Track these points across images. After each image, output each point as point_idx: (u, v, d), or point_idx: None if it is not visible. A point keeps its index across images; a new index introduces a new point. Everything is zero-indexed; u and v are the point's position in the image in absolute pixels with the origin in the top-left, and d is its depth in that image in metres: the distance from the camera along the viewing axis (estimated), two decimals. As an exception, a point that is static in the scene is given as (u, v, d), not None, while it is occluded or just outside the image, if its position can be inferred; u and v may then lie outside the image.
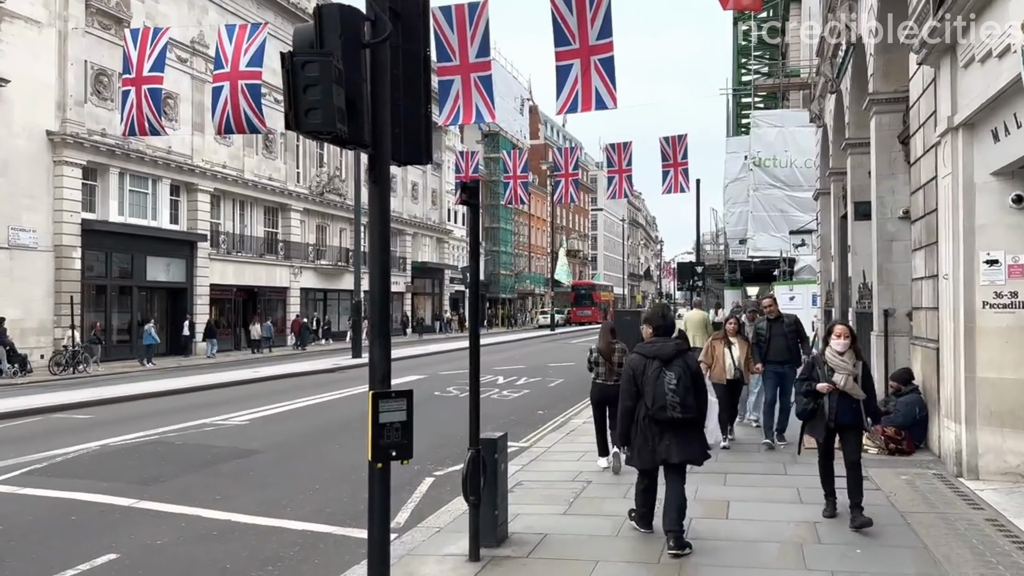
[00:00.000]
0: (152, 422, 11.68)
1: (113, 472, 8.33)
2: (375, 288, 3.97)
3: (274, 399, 14.48)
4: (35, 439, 10.42)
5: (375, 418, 3.76)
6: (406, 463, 3.94)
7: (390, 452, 3.77)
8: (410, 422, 3.87)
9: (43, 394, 15.31)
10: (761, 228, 33.07)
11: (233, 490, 7.65)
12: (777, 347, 9.28)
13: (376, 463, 3.81)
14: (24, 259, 24.95)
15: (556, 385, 16.75)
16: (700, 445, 5.62)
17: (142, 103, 25.05)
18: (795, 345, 9.43)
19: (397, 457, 3.80)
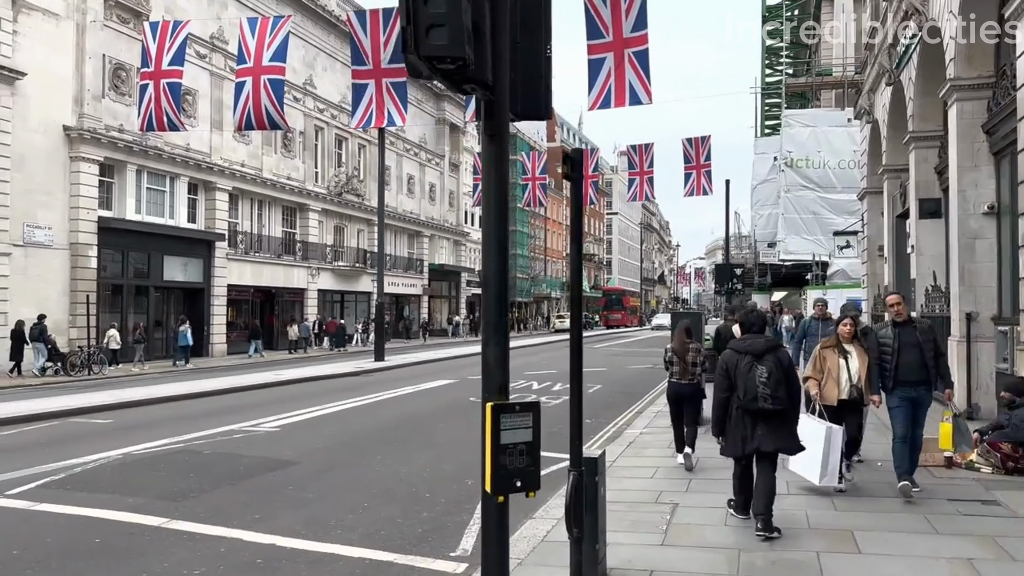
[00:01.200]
0: (176, 428, 10.90)
1: (138, 485, 7.54)
2: (491, 271, 3.15)
3: (301, 404, 13.69)
4: (52, 446, 9.65)
5: (495, 437, 2.92)
6: (532, 495, 3.09)
7: (514, 481, 2.93)
8: (537, 443, 3.03)
9: (60, 396, 14.56)
10: (793, 230, 32.13)
11: (272, 507, 6.83)
12: (909, 362, 6.72)
13: (496, 495, 2.97)
14: (39, 257, 24.30)
15: (595, 392, 15.89)
16: (790, 435, 5.92)
17: (160, 98, 24.51)
18: (934, 359, 6.81)
19: (523, 488, 2.97)
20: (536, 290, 72.34)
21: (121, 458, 8.76)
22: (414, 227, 49.67)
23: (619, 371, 21.20)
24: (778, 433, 5.80)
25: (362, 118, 25.01)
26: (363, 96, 24.89)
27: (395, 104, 24.81)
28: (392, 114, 24.77)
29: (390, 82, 24.69)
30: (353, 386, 17.26)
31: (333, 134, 40.81)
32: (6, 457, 8.99)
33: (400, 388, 16.33)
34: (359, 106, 25.07)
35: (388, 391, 15.79)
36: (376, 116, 22.24)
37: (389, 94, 24.71)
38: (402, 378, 19.26)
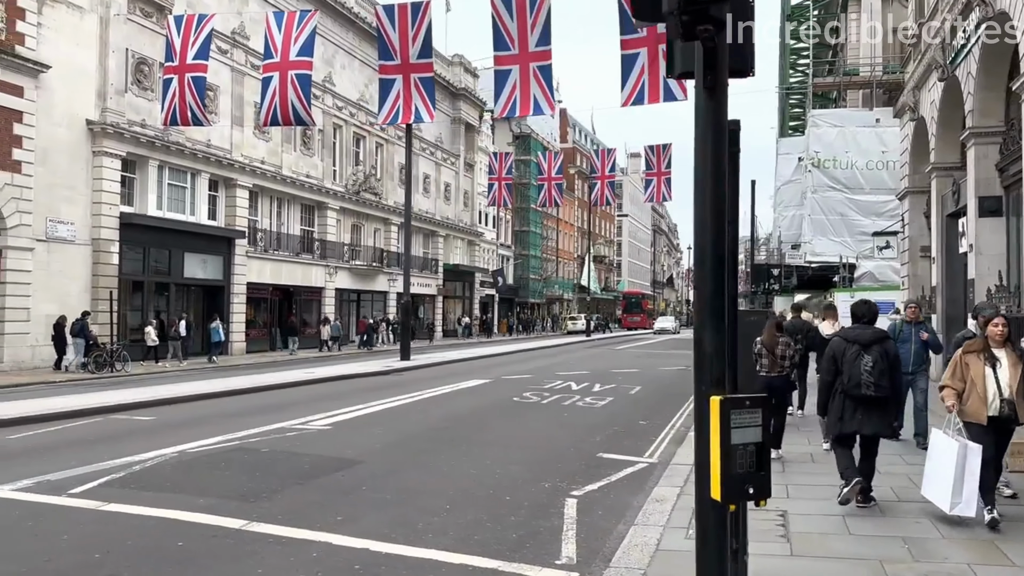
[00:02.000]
0: (224, 425, 10.55)
1: (205, 485, 7.18)
2: (706, 240, 2.77)
3: (343, 402, 13.33)
4: (100, 443, 9.30)
5: (725, 437, 2.53)
6: (763, 504, 2.71)
7: (745, 488, 2.53)
8: (766, 444, 2.64)
9: (97, 392, 14.21)
10: (819, 232, 31.68)
11: (351, 509, 6.47)
12: None
13: (727, 503, 2.57)
14: (62, 252, 24.01)
15: (638, 393, 15.52)
16: (888, 422, 6.36)
17: (185, 92, 24.24)
18: None
19: (754, 496, 2.57)
20: (548, 291, 71.96)
21: (178, 456, 8.40)
22: (429, 227, 49.35)
23: (652, 372, 20.81)
24: (877, 419, 6.19)
25: (388, 114, 24.72)
26: (390, 92, 24.60)
27: (423, 100, 24.51)
28: (420, 110, 24.47)
29: (418, 77, 24.39)
30: (388, 385, 16.90)
31: (351, 132, 40.51)
32: (58, 454, 8.64)
33: (437, 387, 15.96)
34: (386, 102, 24.78)
35: (426, 390, 15.42)
36: (403, 112, 21.90)
37: (417, 90, 24.40)
38: (435, 377, 18.91)
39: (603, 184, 48.63)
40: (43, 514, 6.11)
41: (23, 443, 9.39)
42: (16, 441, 9.48)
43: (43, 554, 5.21)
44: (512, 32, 22.74)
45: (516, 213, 65.76)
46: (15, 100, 22.37)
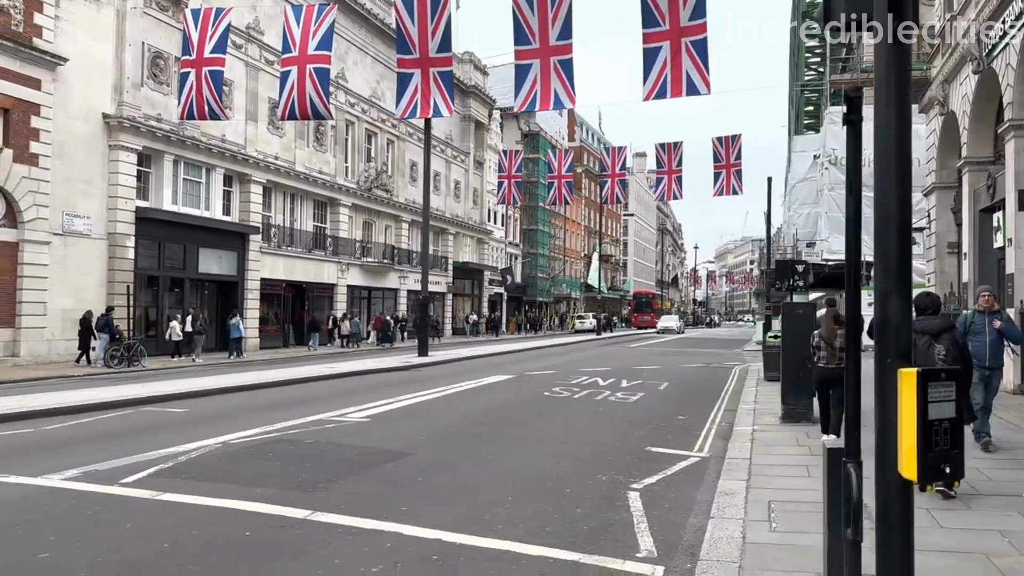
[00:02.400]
0: (260, 418, 10.38)
1: (256, 475, 7.01)
2: (890, 196, 2.60)
3: (372, 396, 13.15)
4: (139, 434, 9.13)
5: (923, 413, 2.35)
6: (957, 484, 2.53)
7: (941, 467, 2.36)
8: (960, 420, 2.46)
9: (126, 385, 14.00)
10: (836, 230, 31.45)
11: (412, 500, 6.30)
12: None
13: (925, 484, 2.39)
14: (78, 247, 23.88)
15: (666, 389, 15.32)
16: (967, 405, 6.47)
17: (202, 86, 24.08)
18: None
19: (951, 476, 2.40)
20: (555, 290, 71.77)
21: (221, 447, 8.23)
22: (440, 224, 49.17)
23: (674, 369, 20.62)
24: None
25: (407, 108, 24.47)
26: (408, 85, 24.33)
27: (441, 94, 24.28)
28: (438, 104, 24.23)
29: (436, 71, 24.16)
30: (412, 380, 16.71)
31: (363, 128, 40.36)
32: (100, 444, 8.47)
33: (462, 383, 15.78)
34: (404, 95, 24.51)
35: (453, 385, 15.24)
36: (421, 106, 21.65)
37: (436, 83, 24.18)
38: (457, 373, 18.73)
39: (613, 182, 48.34)
40: (99, 503, 5.94)
41: (61, 434, 9.23)
42: (54, 432, 9.31)
43: (109, 543, 5.05)
44: (533, 26, 22.55)
45: (524, 211, 65.59)
46: (33, 93, 22.25)
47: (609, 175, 48.33)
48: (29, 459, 7.54)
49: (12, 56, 21.60)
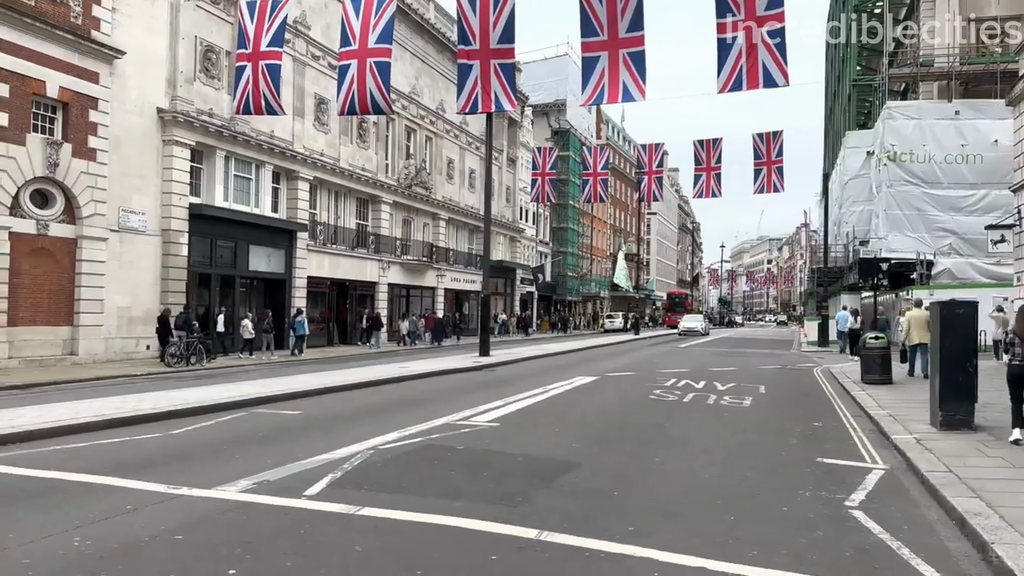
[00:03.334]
0: (382, 421, 9.86)
1: (440, 486, 6.46)
2: None
3: (474, 398, 12.58)
4: (276, 439, 8.58)
5: None
6: None
7: None
8: None
9: (216, 386, 13.45)
10: (895, 227, 30.81)
11: (629, 518, 5.71)
12: None
13: None
14: (133, 243, 23.48)
15: (768, 392, 14.67)
16: None
17: (259, 80, 23.62)
18: None
19: None
20: (584, 289, 71.16)
21: (375, 454, 7.69)
22: (474, 222, 48.61)
23: (754, 371, 19.97)
24: None
25: (467, 102, 23.86)
26: (468, 78, 23.70)
27: (503, 87, 23.63)
28: (500, 98, 23.60)
29: (498, 63, 23.53)
30: (498, 381, 16.12)
31: (403, 125, 39.86)
32: (245, 451, 7.92)
33: (552, 384, 15.15)
34: (463, 89, 23.92)
35: (545, 387, 14.61)
36: (483, 100, 20.98)
37: (497, 76, 23.54)
38: (535, 373, 18.16)
39: (650, 179, 47.71)
40: (305, 520, 5.40)
41: (195, 439, 8.69)
42: (186, 437, 8.78)
43: (357, 569, 4.51)
44: (601, 17, 21.96)
45: (553, 209, 65.02)
46: (90, 86, 21.85)
47: (647, 172, 47.77)
48: (185, 468, 7.02)
49: (72, 49, 21.21)
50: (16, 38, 19.71)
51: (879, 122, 32.93)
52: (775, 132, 40.04)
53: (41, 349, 20.63)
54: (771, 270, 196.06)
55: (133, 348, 23.41)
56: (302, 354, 26.63)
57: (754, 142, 41.21)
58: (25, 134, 20.05)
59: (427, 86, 42.16)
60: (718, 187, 42.59)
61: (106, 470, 6.76)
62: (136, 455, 7.54)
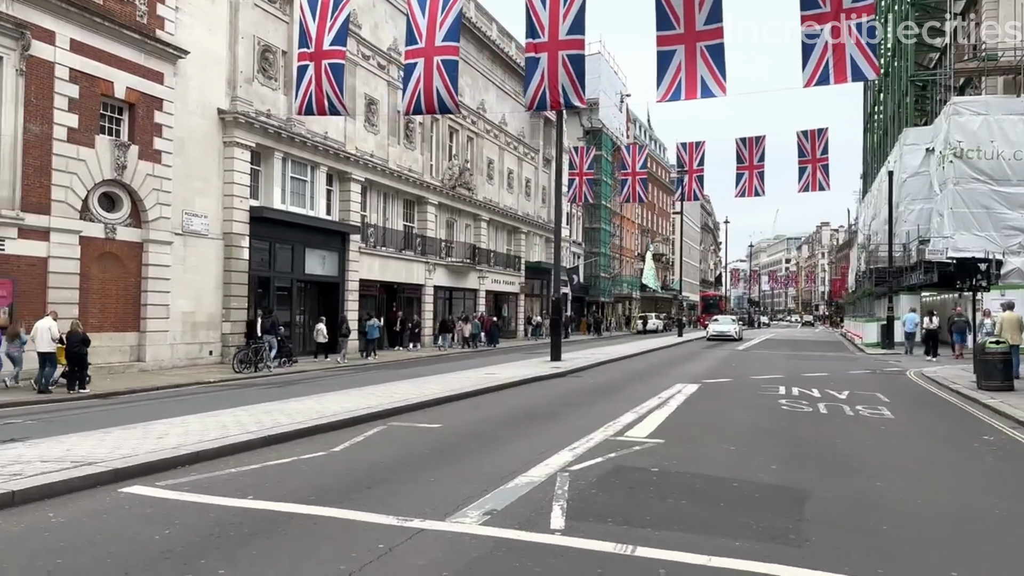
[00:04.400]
0: (530, 436, 9.25)
1: (681, 517, 5.77)
2: None
3: (596, 409, 11.90)
4: (442, 459, 7.92)
5: None
6: None
7: None
8: None
9: (326, 395, 12.78)
10: (962, 226, 29.97)
11: (940, 560, 5.05)
12: None
13: None
14: (196, 247, 23.00)
15: (892, 401, 13.91)
16: None
17: (322, 79, 23.03)
18: None
19: None
20: (616, 290, 70.44)
21: (570, 477, 7.03)
22: (512, 223, 48.10)
23: (848, 376, 19.16)
24: None
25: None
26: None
27: (571, 81, 22.70)
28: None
29: (567, 55, 22.73)
30: (595, 389, 15.40)
31: (446, 125, 39.29)
32: (429, 471, 7.23)
33: (661, 393, 14.28)
34: (530, 84, 23.14)
35: (659, 396, 13.90)
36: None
37: (565, 69, 22.73)
38: (627, 380, 17.45)
39: (691, 178, 46.97)
40: (591, 562, 4.74)
41: (360, 457, 7.95)
42: (348, 455, 8.06)
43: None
44: (678, 10, 21.26)
45: (586, 210, 64.32)
46: (155, 87, 21.41)
47: (687, 171, 47.01)
48: (390, 494, 6.36)
49: (138, 49, 20.75)
50: (86, 38, 19.27)
51: (941, 118, 32.11)
52: (819, 130, 39.15)
53: (110, 356, 20.17)
54: (792, 270, 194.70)
55: (197, 354, 22.94)
56: (373, 357, 26.83)
57: (798, 140, 40.30)
58: (94, 136, 19.60)
59: (467, 85, 41.56)
60: (761, 185, 41.74)
61: (311, 498, 6.15)
62: (326, 479, 6.92)
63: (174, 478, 6.80)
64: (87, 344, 16.45)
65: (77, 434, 8.65)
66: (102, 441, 8.08)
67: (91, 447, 7.71)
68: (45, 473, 6.33)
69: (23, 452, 7.52)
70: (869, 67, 20.18)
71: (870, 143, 54.70)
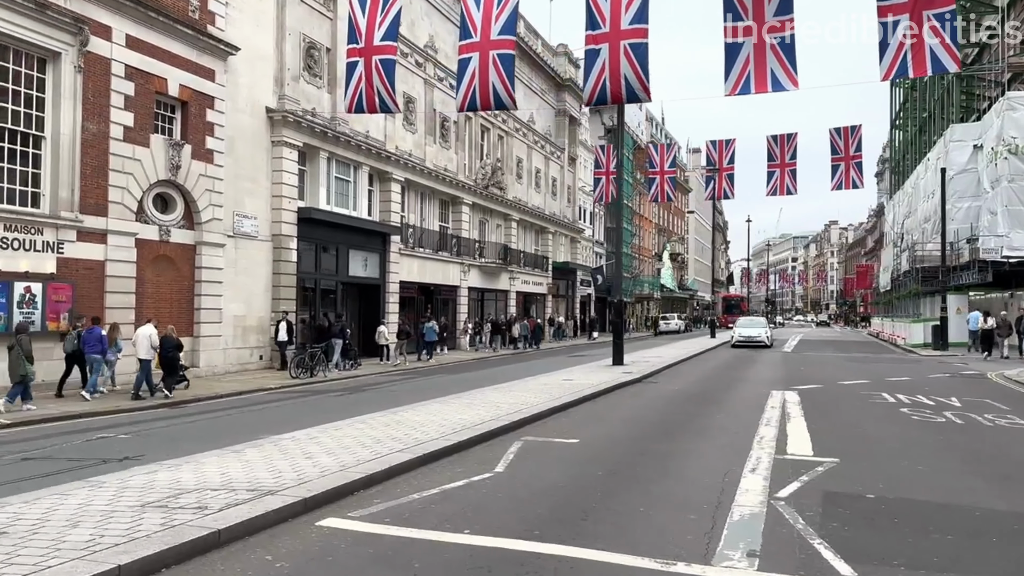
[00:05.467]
0: (689, 455, 8.59)
1: (961, 558, 5.17)
2: None
3: (724, 423, 11.27)
4: (625, 485, 7.20)
5: None
6: None
7: None
8: None
9: (425, 403, 12.12)
10: (1017, 224, 29.34)
11: None
12: None
13: None
14: (247, 249, 22.35)
15: (1013, 409, 13.25)
16: None
17: (372, 76, 22.33)
18: None
19: None
20: (637, 289, 69.76)
21: (788, 505, 6.38)
22: (540, 223, 47.43)
23: (937, 381, 18.47)
24: None
25: (593, 92, 22.22)
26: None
27: (636, 73, 21.84)
28: (632, 86, 21.88)
29: (629, 44, 21.91)
30: (687, 398, 14.56)
31: (478, 124, 38.60)
32: (621, 499, 6.59)
33: (764, 404, 13.75)
34: (589, 77, 22.36)
35: (762, 407, 13.28)
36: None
37: (628, 59, 21.91)
38: (712, 388, 16.78)
39: (721, 176, 46.32)
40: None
41: (538, 480, 6.99)
42: (521, 479, 7.12)
43: None
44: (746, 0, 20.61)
45: (608, 209, 63.63)
46: (208, 84, 20.75)
47: (719, 169, 46.36)
48: (614, 529, 5.68)
49: (190, 45, 20.09)
50: (141, 33, 18.60)
51: (992, 114, 31.48)
52: (853, 127, 38.48)
53: (165, 362, 19.46)
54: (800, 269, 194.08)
55: (247, 358, 22.31)
56: (432, 360, 27.05)
57: (831, 137, 39.60)
58: (149, 135, 18.93)
59: (499, 83, 40.81)
60: (793, 183, 41.10)
61: (534, 532, 5.47)
62: (524, 508, 6.21)
63: (361, 507, 6.12)
64: (180, 349, 16.11)
65: (207, 454, 7.95)
66: (249, 463, 7.39)
67: (243, 470, 7.02)
68: (236, 506, 5.64)
69: (160, 477, 6.83)
70: (951, 59, 19.49)
71: (899, 140, 54.02)
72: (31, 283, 15.86)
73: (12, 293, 15.48)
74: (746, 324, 41.70)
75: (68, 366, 15.98)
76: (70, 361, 15.97)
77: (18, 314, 15.52)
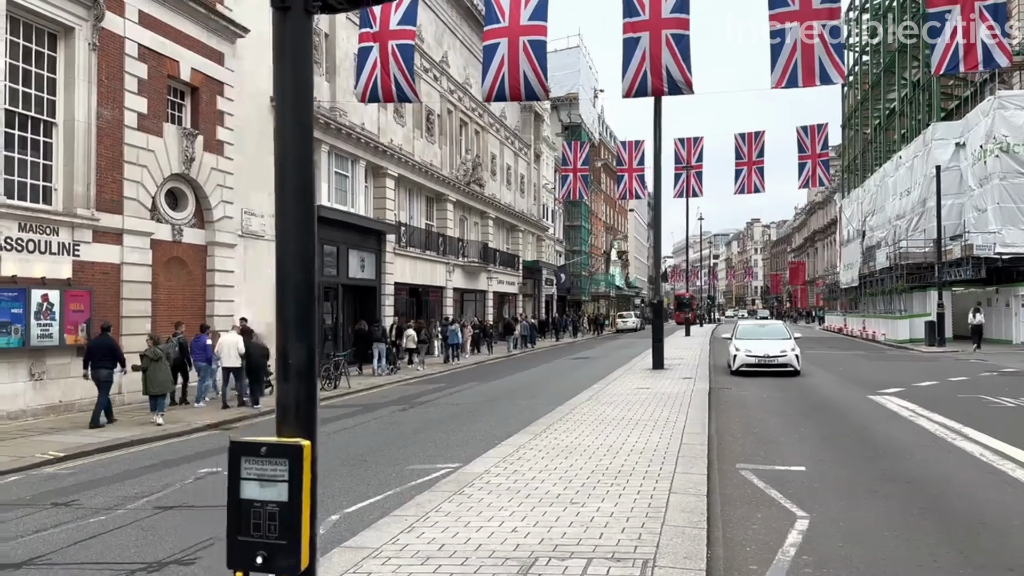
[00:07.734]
0: (869, 477, 7.77)
1: None
2: None
3: (843, 430, 10.53)
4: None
5: None
6: None
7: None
8: None
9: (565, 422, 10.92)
10: (1009, 221, 29.96)
11: None
12: None
13: None
14: (254, 250, 20.56)
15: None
16: None
17: (388, 62, 20.94)
18: None
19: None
20: (593, 288, 69.42)
21: None
22: (512, 220, 46.38)
23: (984, 380, 18.41)
24: None
25: (633, 84, 21.25)
26: (633, 55, 21.02)
27: (678, 65, 20.91)
28: (675, 78, 20.93)
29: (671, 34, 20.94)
30: (796, 402, 14.03)
31: (458, 118, 37.24)
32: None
33: (892, 407, 13.14)
34: (628, 68, 21.30)
35: (900, 408, 12.64)
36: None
37: (670, 49, 20.96)
38: (788, 400, 16.11)
39: (689, 175, 46.14)
40: None
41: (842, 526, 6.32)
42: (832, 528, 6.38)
43: None
44: None
45: (565, 207, 63.08)
46: (218, 69, 19.00)
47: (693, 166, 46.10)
48: None
49: (201, 24, 18.27)
50: (153, 10, 16.73)
51: (977, 113, 32.10)
52: (820, 125, 38.83)
53: (178, 375, 17.58)
54: (724, 265, 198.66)
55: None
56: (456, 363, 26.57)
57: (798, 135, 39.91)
58: (162, 123, 17.08)
59: (473, 77, 39.58)
60: (760, 181, 41.22)
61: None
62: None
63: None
64: (267, 357, 14.62)
65: (454, 502, 6.52)
66: (514, 513, 6.06)
67: (523, 523, 5.72)
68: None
69: (441, 536, 5.47)
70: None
71: (855, 140, 55.18)
72: (48, 290, 13.90)
73: (30, 303, 13.50)
74: (752, 334, 22.83)
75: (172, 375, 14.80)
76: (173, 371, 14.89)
77: (35, 326, 13.56)
